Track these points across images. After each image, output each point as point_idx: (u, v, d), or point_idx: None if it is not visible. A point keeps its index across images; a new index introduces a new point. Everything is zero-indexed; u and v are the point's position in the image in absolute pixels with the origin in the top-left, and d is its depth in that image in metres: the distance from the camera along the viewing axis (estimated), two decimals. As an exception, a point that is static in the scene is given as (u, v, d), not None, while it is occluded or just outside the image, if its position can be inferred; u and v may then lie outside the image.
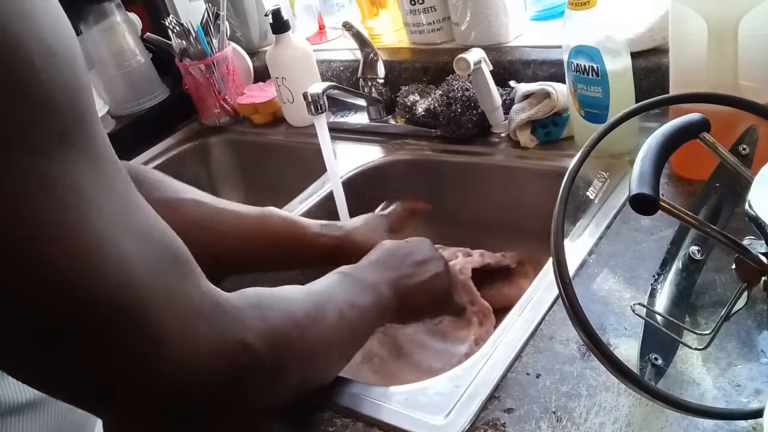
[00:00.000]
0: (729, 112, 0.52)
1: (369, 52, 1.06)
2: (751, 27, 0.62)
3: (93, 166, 0.36)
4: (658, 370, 0.50)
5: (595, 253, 0.66)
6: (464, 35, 1.05)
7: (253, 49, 1.34)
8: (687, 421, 0.47)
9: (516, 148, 0.91)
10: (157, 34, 1.24)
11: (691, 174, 0.71)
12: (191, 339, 0.40)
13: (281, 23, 1.07)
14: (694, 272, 0.57)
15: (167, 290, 0.39)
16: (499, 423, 0.51)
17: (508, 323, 0.60)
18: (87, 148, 0.36)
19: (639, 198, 0.41)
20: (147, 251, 0.39)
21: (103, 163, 0.38)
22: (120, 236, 0.37)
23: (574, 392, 0.52)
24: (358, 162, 1.01)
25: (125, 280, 0.37)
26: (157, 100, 1.30)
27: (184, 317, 0.40)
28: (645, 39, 0.86)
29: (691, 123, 0.47)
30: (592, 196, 0.74)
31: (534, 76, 0.96)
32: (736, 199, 0.58)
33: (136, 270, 0.38)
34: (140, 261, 0.38)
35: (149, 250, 0.39)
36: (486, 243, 0.98)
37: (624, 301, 0.59)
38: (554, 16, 1.05)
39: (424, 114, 0.97)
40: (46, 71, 0.33)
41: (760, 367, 0.49)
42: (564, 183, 0.48)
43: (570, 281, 0.45)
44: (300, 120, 1.15)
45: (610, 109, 0.77)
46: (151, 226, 0.40)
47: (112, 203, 0.37)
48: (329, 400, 0.57)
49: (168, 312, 0.39)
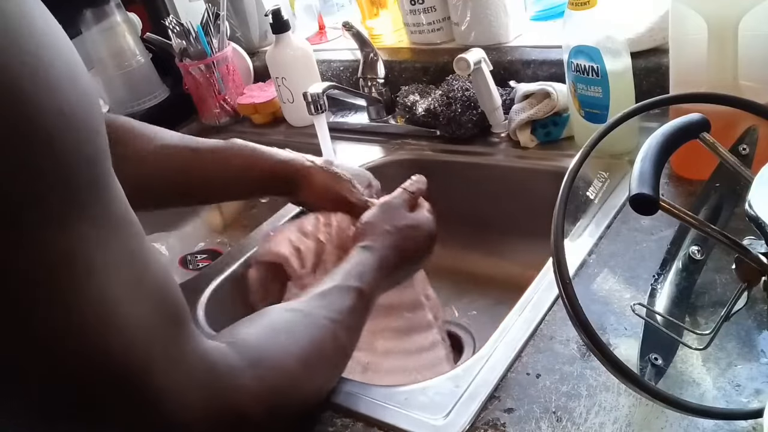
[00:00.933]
0: (729, 112, 0.52)
1: (369, 52, 1.06)
2: (751, 27, 0.62)
3: (106, 236, 0.36)
4: (658, 370, 0.50)
5: (595, 253, 0.66)
6: (464, 35, 1.05)
7: (253, 49, 1.34)
8: (687, 421, 0.47)
9: (516, 148, 0.91)
10: (157, 34, 1.24)
11: (691, 174, 0.71)
12: (188, 410, 0.40)
13: (281, 23, 1.07)
14: (694, 272, 0.57)
15: (168, 356, 0.39)
16: (499, 423, 0.51)
17: (508, 323, 0.60)
18: (100, 216, 0.36)
19: (639, 198, 0.41)
20: (153, 313, 0.39)
21: (117, 229, 0.37)
22: (129, 301, 0.37)
23: (574, 392, 0.52)
24: (358, 162, 1.01)
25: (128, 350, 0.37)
26: (157, 100, 1.30)
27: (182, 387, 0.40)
28: (645, 39, 0.86)
29: (691, 123, 0.47)
30: (592, 196, 0.74)
31: (534, 76, 0.96)
32: (736, 199, 0.58)
33: (140, 336, 0.38)
34: (146, 324, 0.38)
35: (155, 311, 0.39)
36: (486, 243, 0.98)
37: (624, 301, 0.59)
38: (554, 16, 1.05)
39: (424, 114, 0.97)
40: (63, 144, 0.33)
41: (760, 367, 0.49)
42: (564, 183, 0.48)
43: (570, 281, 0.45)
44: (300, 120, 1.15)
45: (610, 109, 0.77)
46: (159, 286, 0.40)
47: (124, 270, 0.37)
48: (329, 400, 0.57)
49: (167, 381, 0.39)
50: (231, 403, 0.43)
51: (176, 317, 0.41)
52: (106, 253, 0.36)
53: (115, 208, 0.37)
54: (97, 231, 0.36)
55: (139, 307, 0.38)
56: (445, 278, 0.97)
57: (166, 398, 0.39)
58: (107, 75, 1.27)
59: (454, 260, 0.99)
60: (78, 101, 0.34)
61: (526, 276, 0.69)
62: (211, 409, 0.41)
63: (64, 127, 0.33)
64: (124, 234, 0.38)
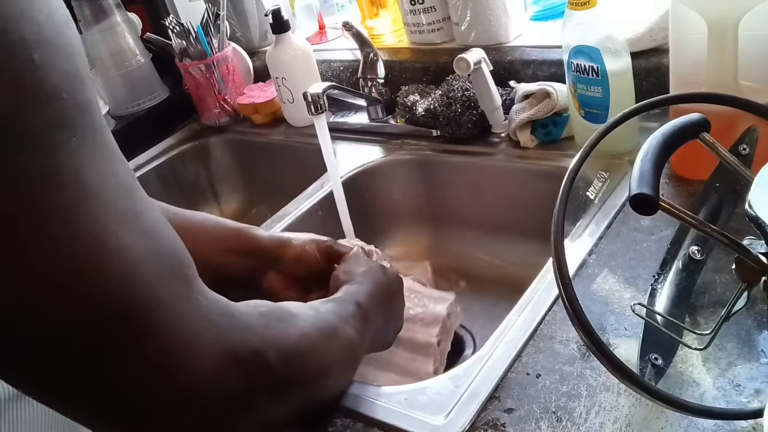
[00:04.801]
0: (729, 112, 0.52)
1: (369, 52, 1.06)
2: (751, 27, 0.62)
3: (96, 157, 0.35)
4: (658, 370, 0.50)
5: (595, 253, 0.66)
6: (464, 35, 1.05)
7: (253, 49, 1.34)
8: (687, 421, 0.47)
9: (516, 148, 0.91)
10: (157, 34, 1.24)
11: (691, 174, 0.71)
12: (199, 347, 0.38)
13: (281, 23, 1.07)
14: (694, 272, 0.57)
15: (173, 294, 0.38)
16: (499, 423, 0.51)
17: (508, 323, 0.60)
18: (90, 138, 0.35)
19: (639, 198, 0.41)
20: (152, 250, 0.37)
21: (107, 154, 0.36)
22: (125, 231, 0.35)
23: (574, 392, 0.52)
24: (358, 162, 1.01)
25: (128, 277, 0.35)
26: (157, 100, 1.30)
27: (191, 323, 0.38)
28: (645, 39, 0.86)
29: (691, 123, 0.47)
30: (592, 196, 0.74)
31: (534, 76, 0.96)
32: (736, 199, 0.58)
33: (141, 268, 0.36)
34: (145, 259, 0.36)
35: (155, 249, 0.37)
36: (486, 243, 0.98)
37: (624, 301, 0.59)
38: (554, 16, 1.05)
39: (424, 114, 0.97)
40: (42, 58, 0.32)
41: (760, 367, 0.49)
42: (564, 183, 0.48)
43: (570, 281, 0.45)
44: (300, 120, 1.15)
45: (610, 109, 0.77)
46: (158, 226, 0.38)
47: (117, 196, 0.35)
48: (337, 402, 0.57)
49: (174, 317, 0.37)
50: (245, 342, 0.42)
51: (180, 259, 0.39)
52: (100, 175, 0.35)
53: (106, 137, 0.36)
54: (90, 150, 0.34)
55: (137, 237, 0.36)
56: (445, 278, 0.97)
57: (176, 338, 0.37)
58: (107, 75, 1.27)
59: (454, 260, 0.99)
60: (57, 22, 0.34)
61: (526, 276, 0.69)
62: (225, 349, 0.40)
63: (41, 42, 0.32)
64: (115, 163, 0.36)
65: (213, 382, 0.39)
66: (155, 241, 0.38)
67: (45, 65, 0.32)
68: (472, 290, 0.95)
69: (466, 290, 0.95)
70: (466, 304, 0.91)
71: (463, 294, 0.93)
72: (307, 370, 0.49)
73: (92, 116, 0.35)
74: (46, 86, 0.33)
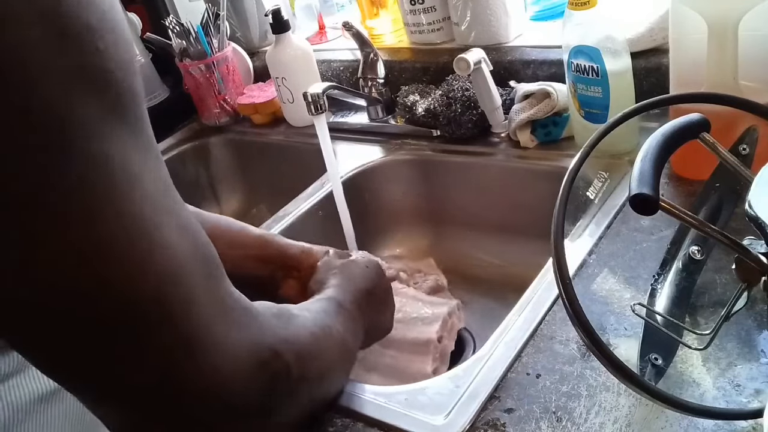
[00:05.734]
0: (729, 112, 0.52)
1: (369, 52, 1.06)
2: (751, 27, 0.62)
3: (142, 147, 0.35)
4: (658, 370, 0.50)
5: (595, 253, 0.66)
6: (464, 35, 1.05)
7: (253, 49, 1.35)
8: (687, 421, 0.47)
9: (516, 148, 0.91)
10: (157, 34, 1.24)
11: (691, 174, 0.71)
12: (228, 347, 0.39)
13: (281, 23, 1.07)
14: (694, 272, 0.57)
15: (205, 289, 0.38)
16: (499, 423, 0.51)
17: (508, 323, 0.60)
18: (137, 128, 0.35)
19: (639, 198, 0.41)
20: (188, 244, 0.37)
21: (151, 146, 0.36)
22: (164, 222, 0.36)
23: (574, 392, 0.52)
24: (358, 162, 1.01)
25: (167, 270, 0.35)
26: (157, 100, 1.30)
27: (219, 319, 0.39)
28: (645, 39, 0.86)
29: (691, 123, 0.47)
30: (592, 196, 0.74)
31: (534, 76, 0.96)
32: (736, 199, 0.58)
33: (179, 261, 0.36)
34: (184, 256, 0.36)
35: (189, 243, 0.37)
36: (486, 243, 0.98)
37: (624, 301, 0.59)
38: (554, 16, 1.05)
39: (424, 114, 0.97)
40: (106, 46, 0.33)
41: (760, 367, 0.49)
42: (564, 183, 0.48)
43: (570, 281, 0.45)
44: (300, 120, 1.15)
45: (610, 109, 0.77)
46: (193, 224, 0.39)
47: (158, 188, 0.36)
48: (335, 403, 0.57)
49: (205, 312, 0.38)
50: (265, 340, 0.42)
51: (210, 256, 0.40)
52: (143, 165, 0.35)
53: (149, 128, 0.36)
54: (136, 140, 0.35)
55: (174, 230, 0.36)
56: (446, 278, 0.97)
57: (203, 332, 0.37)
58: (107, 75, 1.27)
59: (454, 260, 0.99)
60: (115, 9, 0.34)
61: (526, 276, 0.69)
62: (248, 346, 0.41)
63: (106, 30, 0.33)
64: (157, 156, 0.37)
65: (239, 382, 0.40)
66: (192, 239, 0.38)
67: (107, 52, 0.33)
68: (472, 290, 0.95)
69: (466, 290, 0.95)
70: (466, 303, 0.91)
71: (463, 294, 0.93)
72: (316, 369, 0.50)
73: (139, 107, 0.36)
74: (106, 74, 0.33)
